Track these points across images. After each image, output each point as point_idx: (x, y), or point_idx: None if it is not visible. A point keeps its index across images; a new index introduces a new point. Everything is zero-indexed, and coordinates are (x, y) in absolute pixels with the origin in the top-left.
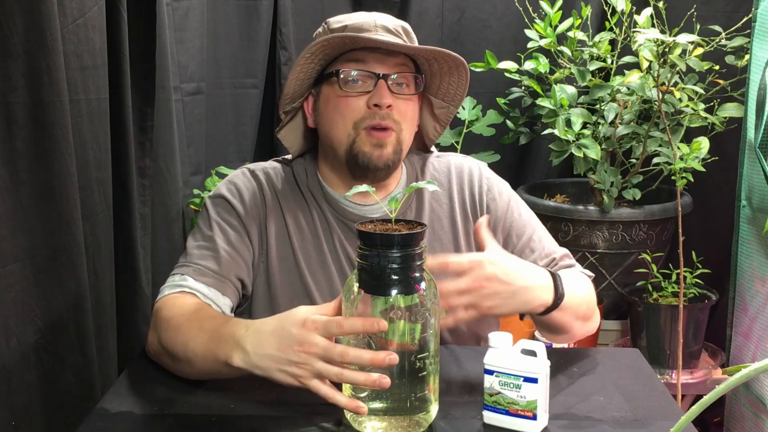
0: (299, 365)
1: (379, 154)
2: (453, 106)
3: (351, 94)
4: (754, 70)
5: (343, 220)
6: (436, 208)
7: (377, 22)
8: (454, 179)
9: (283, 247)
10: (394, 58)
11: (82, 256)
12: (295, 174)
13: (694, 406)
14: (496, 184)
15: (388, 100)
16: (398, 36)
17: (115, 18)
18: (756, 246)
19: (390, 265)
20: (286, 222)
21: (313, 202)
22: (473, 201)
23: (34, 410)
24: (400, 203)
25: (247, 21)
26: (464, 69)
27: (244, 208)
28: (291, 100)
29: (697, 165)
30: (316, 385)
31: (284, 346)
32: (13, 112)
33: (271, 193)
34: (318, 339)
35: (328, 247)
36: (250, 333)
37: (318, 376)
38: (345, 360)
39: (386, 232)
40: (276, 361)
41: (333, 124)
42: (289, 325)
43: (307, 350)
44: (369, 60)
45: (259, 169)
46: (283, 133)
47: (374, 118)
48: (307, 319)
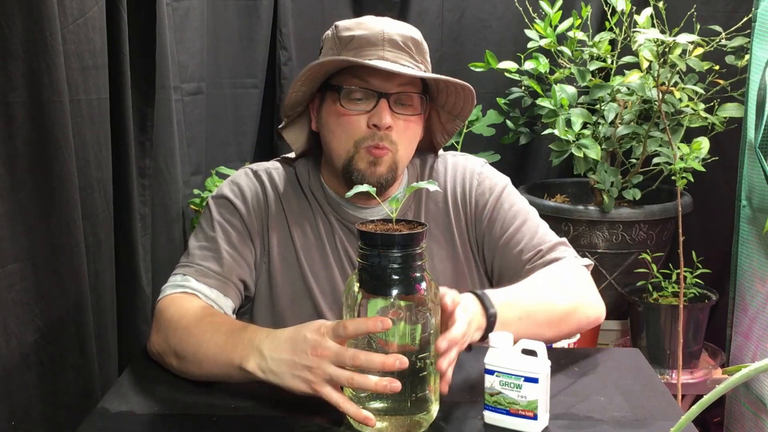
0: (312, 370)
1: (373, 171)
2: (460, 120)
3: (352, 113)
4: (754, 70)
5: (344, 222)
6: (432, 208)
7: (385, 34)
8: (449, 178)
9: (285, 248)
10: (399, 77)
11: (82, 256)
12: (297, 174)
13: (694, 406)
14: (488, 180)
15: (387, 121)
16: (407, 51)
17: (115, 18)
18: (756, 246)
19: (391, 265)
20: (288, 223)
21: (315, 204)
22: (464, 197)
23: (34, 410)
24: (401, 203)
25: (247, 21)
26: (470, 92)
27: (247, 209)
28: (293, 107)
29: (697, 165)
30: (328, 391)
31: (299, 350)
32: (13, 112)
33: (273, 193)
34: (330, 343)
35: (331, 248)
36: (269, 339)
37: (330, 381)
38: (355, 363)
39: (387, 232)
40: (290, 366)
41: (334, 136)
42: (305, 330)
43: (319, 354)
44: (372, 78)
45: (262, 170)
46: (287, 131)
47: (374, 139)
48: (321, 325)
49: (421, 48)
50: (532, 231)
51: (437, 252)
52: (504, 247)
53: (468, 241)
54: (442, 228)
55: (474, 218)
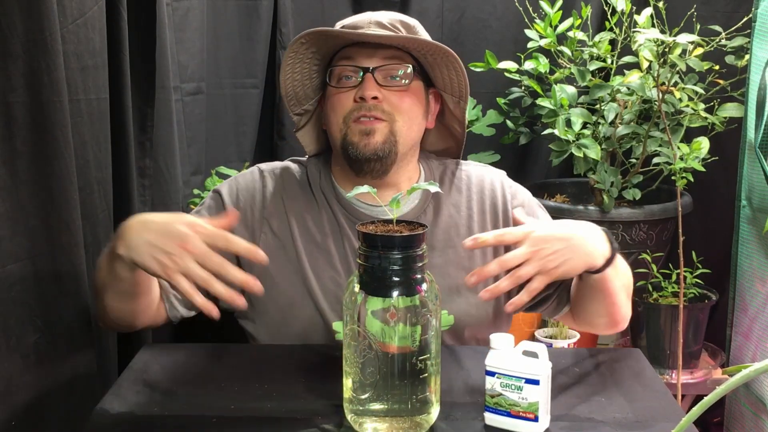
0: (172, 257)
1: (366, 142)
2: (462, 100)
3: (341, 90)
4: (754, 70)
5: (354, 221)
6: (453, 214)
7: (372, 19)
8: (474, 188)
9: (284, 247)
10: (383, 52)
11: (82, 256)
12: (308, 174)
13: (695, 407)
14: (519, 191)
15: (372, 92)
16: (393, 30)
17: (115, 18)
18: (756, 246)
19: (391, 267)
20: (289, 223)
21: (324, 203)
22: (496, 209)
23: (34, 410)
24: (402, 204)
25: (247, 21)
26: (454, 58)
27: (236, 206)
28: (297, 102)
29: (697, 165)
30: (179, 280)
31: (165, 237)
32: (13, 112)
33: (275, 194)
34: (201, 243)
35: (336, 248)
36: (134, 221)
37: (185, 273)
38: (221, 271)
39: (387, 234)
40: (151, 248)
41: (329, 120)
42: (178, 222)
43: (186, 248)
44: (357, 56)
45: (269, 170)
46: (301, 133)
47: (360, 110)
48: (198, 224)
49: (413, 30)
50: None
51: (453, 258)
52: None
53: (494, 251)
54: (463, 235)
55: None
